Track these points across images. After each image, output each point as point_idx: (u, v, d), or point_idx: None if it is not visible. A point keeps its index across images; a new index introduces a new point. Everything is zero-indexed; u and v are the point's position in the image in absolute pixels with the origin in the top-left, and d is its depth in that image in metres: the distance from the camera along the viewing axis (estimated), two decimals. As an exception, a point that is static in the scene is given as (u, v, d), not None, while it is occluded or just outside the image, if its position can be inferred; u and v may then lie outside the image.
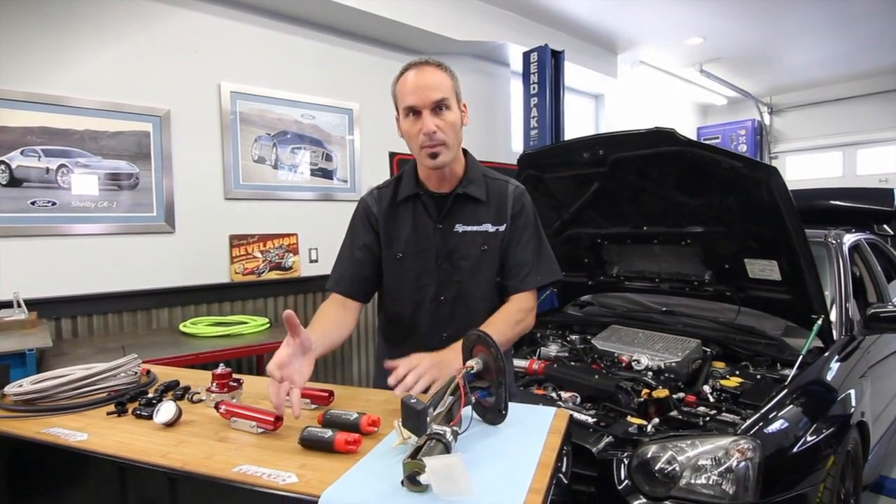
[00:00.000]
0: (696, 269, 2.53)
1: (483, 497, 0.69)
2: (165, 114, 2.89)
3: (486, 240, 1.41)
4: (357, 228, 1.46)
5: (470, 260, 1.40)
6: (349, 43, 3.68)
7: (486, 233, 1.41)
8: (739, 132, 6.87)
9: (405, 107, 1.32)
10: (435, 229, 1.40)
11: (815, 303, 2.11)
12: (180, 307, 2.99)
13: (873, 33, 4.85)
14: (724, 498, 1.48)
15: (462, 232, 1.40)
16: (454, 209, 1.41)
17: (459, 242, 1.40)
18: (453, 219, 1.41)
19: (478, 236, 1.41)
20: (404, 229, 1.42)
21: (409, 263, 1.41)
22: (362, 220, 1.46)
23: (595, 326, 2.69)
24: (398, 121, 1.38)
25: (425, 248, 1.40)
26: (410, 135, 1.33)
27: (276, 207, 3.37)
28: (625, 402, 1.95)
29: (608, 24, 4.59)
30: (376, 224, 1.44)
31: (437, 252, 1.40)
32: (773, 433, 1.60)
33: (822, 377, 1.94)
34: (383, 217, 1.43)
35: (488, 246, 1.41)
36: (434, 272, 1.41)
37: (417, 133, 1.31)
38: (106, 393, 1.17)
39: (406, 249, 1.42)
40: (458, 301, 1.42)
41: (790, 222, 1.97)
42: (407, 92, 1.32)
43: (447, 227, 1.40)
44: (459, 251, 1.40)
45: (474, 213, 1.41)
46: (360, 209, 1.48)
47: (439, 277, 1.41)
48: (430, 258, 1.40)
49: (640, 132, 2.04)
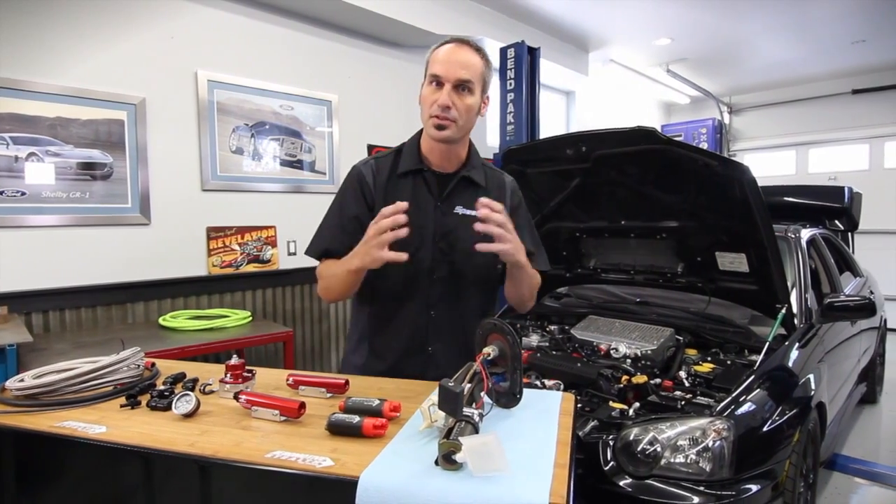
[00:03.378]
0: (670, 262, 2.66)
1: (515, 472, 0.74)
2: (140, 102, 2.81)
3: (467, 221, 1.37)
4: (348, 198, 1.40)
5: (467, 242, 1.34)
6: (328, 34, 3.65)
7: (470, 216, 1.37)
8: (701, 130, 7.14)
9: (432, 73, 1.32)
10: (435, 207, 1.40)
11: (779, 293, 2.26)
12: (157, 301, 2.92)
13: (826, 39, 5.14)
14: (701, 475, 1.58)
15: (462, 214, 1.40)
16: (456, 190, 1.41)
17: (458, 224, 1.39)
18: (453, 199, 1.41)
19: (465, 218, 1.39)
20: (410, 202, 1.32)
21: (408, 237, 1.28)
22: (355, 190, 1.40)
23: (573, 317, 2.79)
24: (422, 86, 1.37)
25: (424, 225, 1.37)
26: (427, 101, 1.33)
27: (255, 199, 3.33)
28: (606, 388, 2.05)
29: (581, 23, 4.70)
30: (371, 196, 1.39)
31: (434, 229, 1.39)
32: (745, 414, 1.72)
33: (785, 363, 2.09)
34: (381, 190, 1.39)
35: (466, 227, 1.36)
36: (430, 248, 1.39)
37: (432, 102, 1.31)
38: (112, 386, 1.17)
39: (411, 223, 1.31)
40: (451, 280, 1.41)
41: (759, 217, 2.10)
42: (438, 60, 1.32)
43: (447, 206, 1.40)
44: (457, 232, 1.39)
45: (474, 198, 1.32)
46: (353, 178, 1.42)
47: (434, 254, 1.39)
48: (427, 235, 1.38)
49: (623, 130, 2.13)
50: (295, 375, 1.14)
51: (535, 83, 4.28)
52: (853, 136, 6.44)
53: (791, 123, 6.92)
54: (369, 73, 3.91)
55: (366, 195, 1.39)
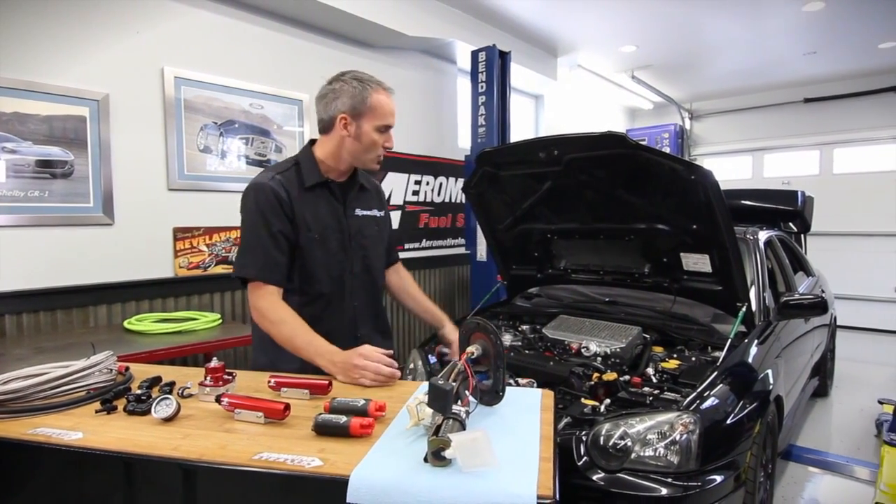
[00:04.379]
0: (637, 263, 2.75)
1: (503, 467, 0.77)
2: (104, 98, 2.72)
3: (376, 222, 1.72)
4: (268, 216, 1.46)
5: (370, 238, 1.67)
6: (299, 32, 3.61)
7: (376, 217, 1.72)
8: (664, 135, 7.37)
9: (384, 125, 1.55)
10: (343, 213, 1.61)
11: (740, 292, 2.36)
12: (120, 303, 2.83)
13: (780, 50, 5.39)
14: (669, 467, 1.65)
15: (361, 215, 1.66)
16: (352, 196, 1.65)
17: (361, 224, 1.65)
18: (352, 204, 1.64)
19: (371, 219, 1.70)
20: (319, 212, 1.55)
21: (328, 243, 1.55)
22: (273, 207, 1.47)
23: (544, 317, 2.85)
24: (353, 123, 1.52)
25: (338, 230, 1.58)
26: (375, 144, 1.55)
27: (223, 199, 3.26)
28: (578, 385, 2.11)
29: (550, 29, 4.79)
30: (290, 210, 1.49)
31: (347, 232, 1.60)
32: (709, 408, 1.80)
33: (745, 359, 2.18)
34: (297, 203, 1.51)
35: (378, 227, 1.73)
36: (347, 249, 1.60)
37: (380, 145, 1.56)
38: (85, 391, 1.14)
39: (324, 231, 1.55)
40: (365, 273, 1.65)
41: (721, 220, 2.19)
42: (388, 113, 1.56)
43: (350, 210, 1.63)
44: (362, 231, 1.65)
45: (367, 200, 1.70)
46: (267, 195, 1.48)
47: (350, 254, 1.61)
48: (343, 238, 1.59)
49: (594, 135, 2.19)
50: (276, 377, 1.14)
51: (506, 86, 4.34)
52: (805, 142, 6.77)
53: (748, 129, 7.23)
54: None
55: (285, 210, 1.49)
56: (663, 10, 4.37)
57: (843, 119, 6.48)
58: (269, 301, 1.44)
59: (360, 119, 1.52)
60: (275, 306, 1.43)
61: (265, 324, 1.44)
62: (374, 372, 1.24)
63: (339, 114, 1.52)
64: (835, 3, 4.19)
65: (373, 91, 1.52)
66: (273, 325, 1.42)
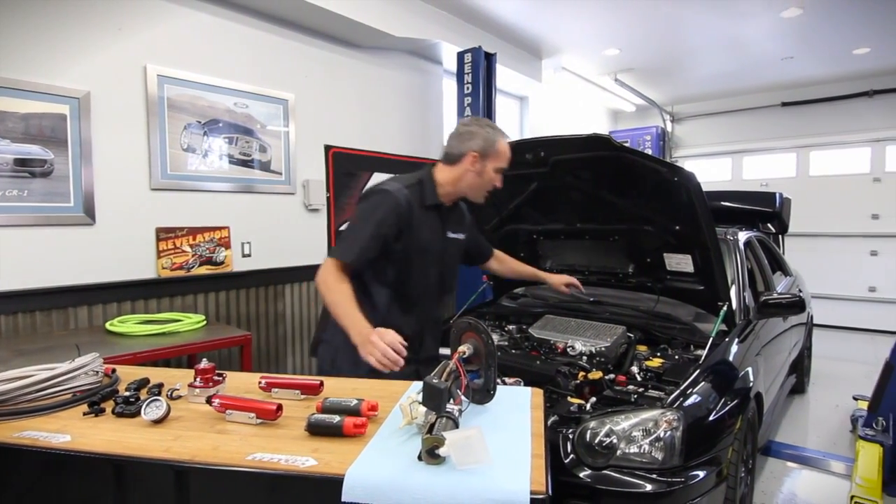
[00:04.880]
0: (621, 263, 2.79)
1: (496, 464, 0.78)
2: (84, 96, 2.67)
3: (458, 245, 1.96)
4: (386, 218, 1.68)
5: (451, 257, 1.94)
6: (285, 31, 3.59)
7: (459, 240, 1.96)
8: (646, 137, 7.47)
9: (502, 167, 1.84)
10: (442, 233, 1.86)
11: (721, 292, 2.41)
12: (102, 305, 2.78)
13: (758, 55, 5.51)
14: (654, 464, 1.68)
15: (451, 238, 1.90)
16: (451, 219, 1.90)
17: (449, 245, 1.90)
18: (448, 226, 1.89)
19: (456, 242, 1.94)
20: (428, 230, 1.80)
21: (427, 256, 1.81)
22: (395, 214, 1.70)
23: (529, 316, 2.87)
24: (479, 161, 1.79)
25: (436, 247, 1.83)
26: (491, 182, 1.84)
27: (207, 199, 3.23)
28: (564, 384, 2.13)
29: (535, 31, 4.83)
30: (407, 222, 1.73)
31: (440, 250, 1.85)
32: (692, 405, 1.83)
33: (727, 357, 2.23)
34: (416, 218, 1.75)
35: (458, 249, 1.99)
36: (438, 265, 1.86)
37: (492, 183, 1.85)
38: (71, 394, 1.12)
39: (428, 246, 1.80)
40: (438, 285, 1.90)
41: (703, 221, 2.24)
42: (508, 159, 1.85)
43: (446, 232, 1.88)
44: (448, 251, 1.90)
45: (457, 224, 1.95)
46: (391, 203, 1.70)
47: (439, 269, 1.87)
48: (436, 254, 1.84)
49: (579, 137, 2.22)
50: (267, 378, 1.14)
51: (492, 88, 4.37)
52: (782, 145, 6.92)
53: (727, 132, 7.37)
54: (327, 73, 3.87)
55: (401, 220, 1.71)
56: (646, 15, 4.44)
57: (819, 123, 6.64)
58: (336, 275, 1.63)
59: (486, 159, 1.79)
60: (338, 279, 1.62)
61: (323, 288, 1.62)
62: (381, 353, 1.37)
63: (470, 151, 1.77)
64: (811, 10, 4.30)
65: (501, 138, 1.81)
66: (329, 291, 1.61)
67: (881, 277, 6.16)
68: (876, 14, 4.36)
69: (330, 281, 1.61)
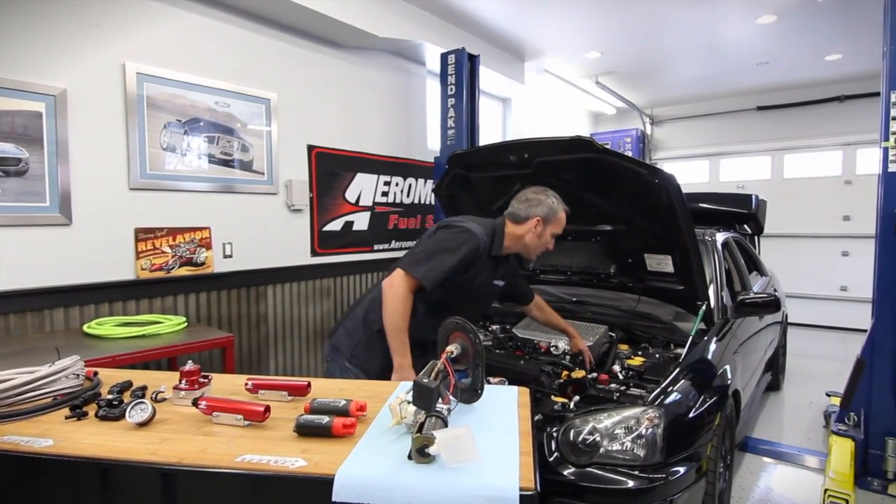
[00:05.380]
0: (603, 263, 2.83)
1: (485, 461, 0.79)
2: (61, 93, 2.61)
3: (498, 290, 2.18)
4: (467, 256, 1.88)
5: (489, 299, 2.26)
6: (267, 30, 3.56)
7: (498, 286, 2.15)
8: (626, 140, 7.58)
9: (557, 233, 2.05)
10: (491, 280, 2.07)
11: (700, 291, 2.47)
12: (79, 307, 2.72)
13: (735, 60, 5.63)
14: (636, 460, 1.71)
15: (495, 284, 2.11)
16: (500, 270, 2.10)
17: (491, 290, 2.13)
18: (497, 275, 2.09)
19: (495, 287, 2.15)
20: (484, 276, 2.01)
21: (472, 296, 2.02)
22: (474, 254, 1.90)
23: (513, 316, 2.90)
24: (541, 226, 2.01)
25: (483, 291, 2.06)
26: (547, 244, 2.05)
27: (187, 199, 3.18)
28: (548, 383, 2.16)
29: (518, 33, 4.87)
30: (475, 263, 1.93)
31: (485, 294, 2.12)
32: (673, 403, 1.87)
33: (706, 355, 2.28)
34: (481, 262, 1.95)
35: (496, 293, 2.22)
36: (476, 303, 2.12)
37: (546, 246, 2.05)
38: (52, 398, 1.10)
39: (479, 288, 2.01)
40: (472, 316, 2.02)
41: (683, 222, 2.28)
42: (563, 227, 2.06)
43: (494, 280, 2.09)
44: (489, 294, 2.17)
45: (503, 273, 2.13)
46: (475, 245, 1.91)
47: (475, 307, 2.12)
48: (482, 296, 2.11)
49: (563, 139, 2.25)
50: (254, 379, 1.13)
51: (476, 89, 4.39)
52: (758, 148, 7.09)
53: (705, 135, 7.52)
54: (309, 73, 3.85)
55: (475, 261, 1.92)
56: (627, 19, 4.51)
57: (792, 126, 6.81)
58: (409, 296, 1.81)
59: (546, 225, 2.01)
60: (408, 301, 1.81)
61: (393, 301, 1.78)
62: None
63: (536, 216, 1.99)
64: (786, 17, 4.42)
65: (562, 209, 2.03)
66: (394, 308, 1.78)
67: (852, 277, 6.34)
68: (847, 22, 4.50)
69: (403, 301, 1.79)
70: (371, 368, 1.93)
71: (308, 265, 3.90)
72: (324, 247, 4.03)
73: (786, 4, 4.19)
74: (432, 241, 1.95)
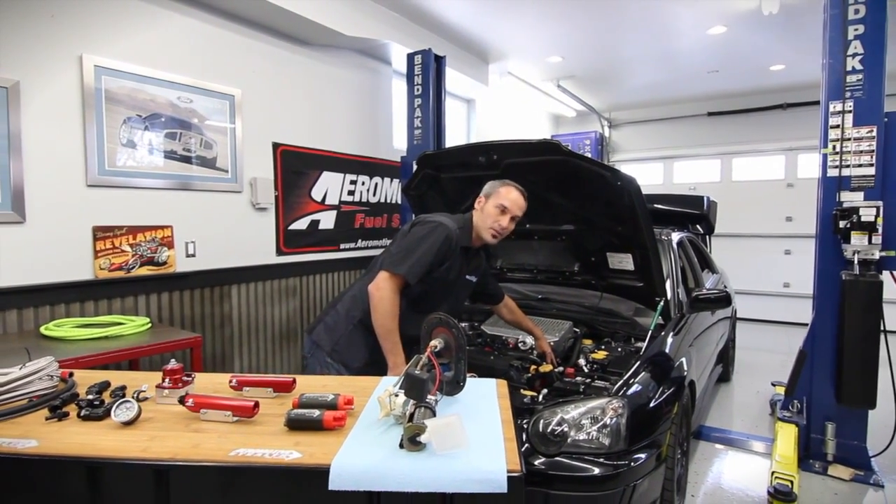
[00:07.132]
0: (568, 262, 2.93)
1: (473, 448, 0.84)
2: (13, 85, 2.50)
3: (467, 286, 2.23)
4: (440, 248, 1.94)
5: (462, 295, 2.27)
6: (231, 25, 3.49)
7: (470, 282, 2.22)
8: (585, 142, 7.81)
9: (500, 205, 2.04)
10: (459, 274, 2.10)
11: (658, 288, 2.60)
12: (34, 308, 2.61)
13: (687, 68, 5.90)
14: (602, 449, 1.79)
15: (465, 279, 2.16)
16: (471, 264, 2.16)
17: (461, 286, 2.17)
18: (466, 269, 2.14)
19: (467, 283, 2.21)
20: (456, 269, 2.06)
21: (446, 289, 2.07)
22: (446, 246, 1.96)
23: (481, 314, 2.97)
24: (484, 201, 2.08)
25: (453, 283, 2.09)
26: (491, 217, 2.04)
27: (148, 197, 3.10)
28: (517, 378, 2.23)
29: (483, 36, 4.95)
30: (449, 255, 1.98)
31: (455, 287, 2.12)
32: (635, 394, 1.97)
33: (664, 348, 2.40)
34: (454, 254, 2.01)
35: (468, 289, 2.27)
36: (449, 298, 2.11)
37: (495, 221, 2.04)
38: (27, 399, 1.08)
39: (451, 282, 2.06)
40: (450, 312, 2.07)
41: (643, 222, 2.40)
42: (507, 200, 2.05)
43: (463, 273, 2.13)
44: (461, 289, 2.20)
45: (473, 268, 2.19)
46: (448, 239, 1.97)
47: (449, 301, 2.11)
48: (451, 289, 2.10)
49: (531, 142, 2.33)
50: (238, 377, 1.14)
51: (441, 90, 4.44)
52: (708, 152, 7.44)
53: (659, 139, 7.83)
54: (275, 70, 3.80)
55: (445, 255, 1.97)
56: (587, 26, 4.67)
57: (740, 132, 7.19)
58: (396, 296, 1.86)
59: (488, 199, 2.06)
60: (396, 301, 1.86)
61: (381, 304, 1.83)
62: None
63: (479, 196, 2.09)
64: (735, 29, 4.67)
65: (503, 185, 2.08)
66: (384, 310, 1.82)
67: (794, 274, 6.74)
68: (790, 35, 4.80)
69: (391, 301, 1.83)
70: (353, 363, 1.98)
71: (273, 264, 3.86)
72: (289, 246, 3.99)
73: (735, 17, 4.43)
74: (408, 238, 1.99)
